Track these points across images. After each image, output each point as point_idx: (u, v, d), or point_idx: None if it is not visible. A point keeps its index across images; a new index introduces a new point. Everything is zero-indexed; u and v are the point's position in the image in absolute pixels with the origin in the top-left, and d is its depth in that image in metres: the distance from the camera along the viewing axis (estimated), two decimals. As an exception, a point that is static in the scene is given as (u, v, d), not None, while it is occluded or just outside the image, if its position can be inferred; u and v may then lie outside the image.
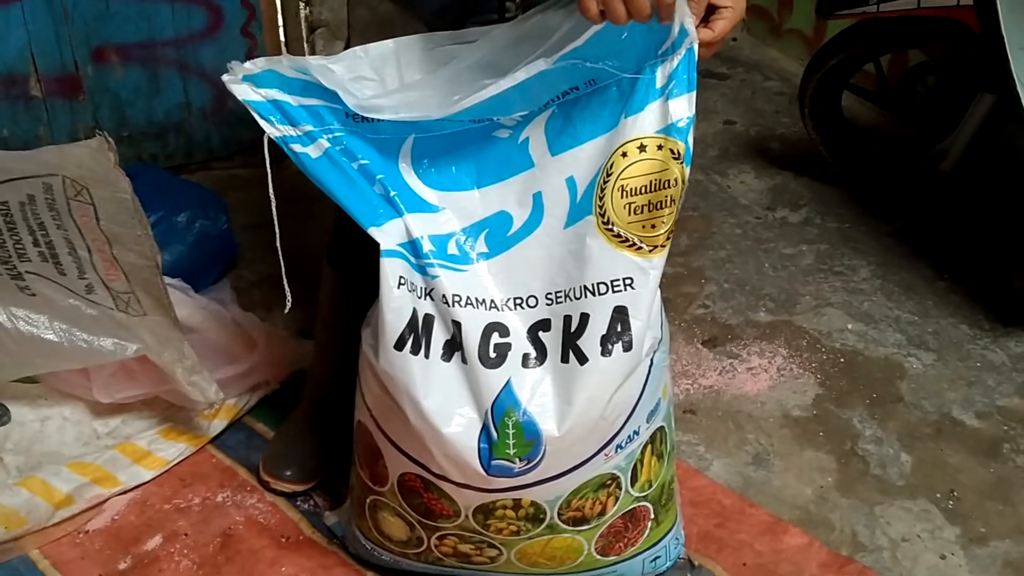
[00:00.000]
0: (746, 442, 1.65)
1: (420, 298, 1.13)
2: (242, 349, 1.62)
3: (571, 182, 1.16)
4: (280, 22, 2.34)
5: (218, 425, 1.59)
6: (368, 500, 1.30)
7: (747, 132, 2.59)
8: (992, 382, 1.76)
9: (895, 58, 2.36)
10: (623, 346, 1.12)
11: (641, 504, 1.28)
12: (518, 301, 1.16)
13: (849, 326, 1.90)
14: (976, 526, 1.50)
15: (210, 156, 2.37)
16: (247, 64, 1.12)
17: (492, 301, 1.15)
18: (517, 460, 1.13)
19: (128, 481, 1.49)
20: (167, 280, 1.53)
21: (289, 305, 1.18)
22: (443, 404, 1.12)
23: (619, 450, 1.19)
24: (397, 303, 1.12)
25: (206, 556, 1.41)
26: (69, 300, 1.46)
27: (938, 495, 1.55)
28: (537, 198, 1.17)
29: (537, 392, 1.13)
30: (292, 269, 1.20)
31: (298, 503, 1.50)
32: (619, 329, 1.12)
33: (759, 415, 1.70)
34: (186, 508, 1.48)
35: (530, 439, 1.13)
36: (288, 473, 1.49)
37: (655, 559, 1.36)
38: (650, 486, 1.28)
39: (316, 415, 1.54)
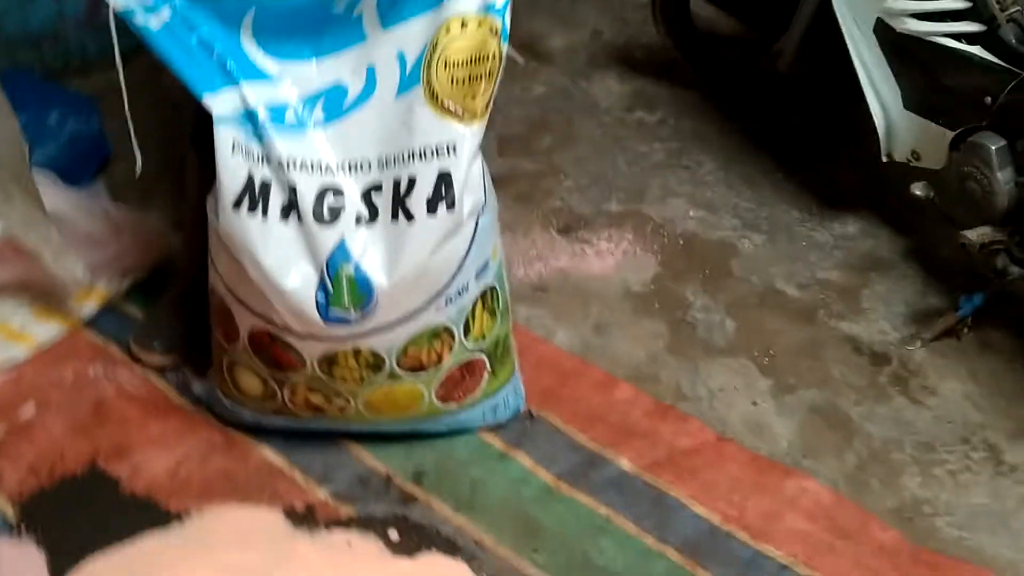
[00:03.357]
0: (589, 314, 1.80)
1: (257, 163, 1.24)
2: (111, 235, 1.71)
3: (401, 56, 1.27)
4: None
5: (91, 308, 1.68)
6: (225, 360, 1.41)
7: (614, 41, 2.71)
8: (815, 258, 1.94)
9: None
10: (446, 206, 1.25)
11: (476, 356, 1.42)
12: (352, 166, 1.27)
13: (691, 213, 2.05)
14: (787, 379, 1.68)
15: (86, 64, 2.40)
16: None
17: (327, 166, 1.26)
18: (352, 310, 1.26)
19: (2, 359, 1.57)
20: (37, 171, 1.60)
21: (139, 169, 1.27)
22: (281, 261, 1.24)
23: (449, 303, 1.32)
24: (232, 167, 1.22)
25: (78, 423, 1.51)
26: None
27: (756, 353, 1.73)
28: (370, 70, 1.28)
29: (368, 248, 1.25)
30: (166, 165, 1.29)
31: (167, 375, 1.60)
32: (443, 191, 1.25)
33: (603, 291, 1.85)
34: (59, 381, 1.58)
35: (362, 291, 1.25)
36: (156, 347, 1.59)
37: (494, 408, 1.51)
38: (484, 339, 1.41)
39: (184, 294, 1.63)
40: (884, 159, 1.86)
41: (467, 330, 1.37)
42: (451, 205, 1.25)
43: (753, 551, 1.40)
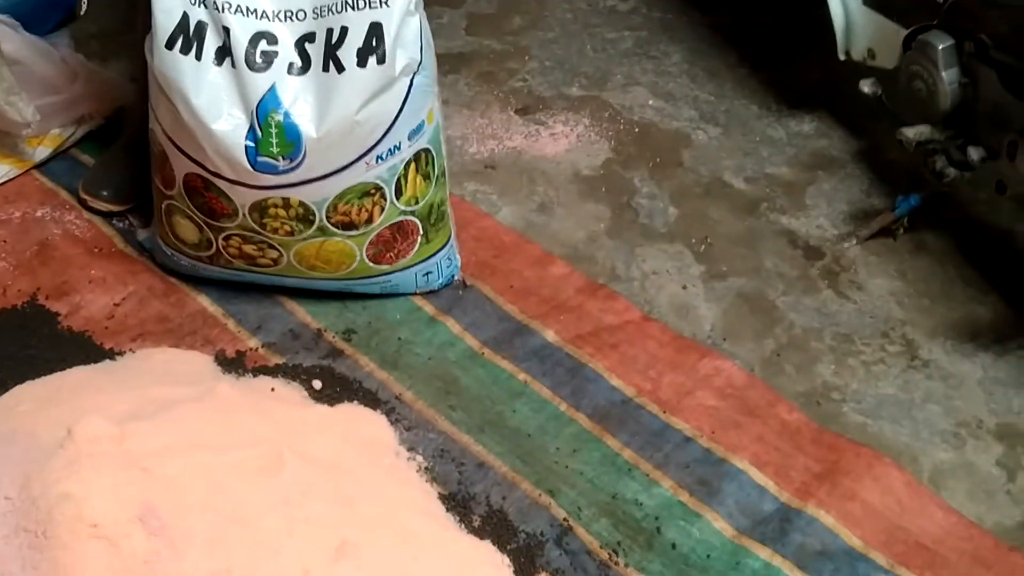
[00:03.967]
0: (535, 193, 1.83)
1: (193, 4, 1.25)
2: (65, 81, 1.73)
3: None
4: None
5: (43, 152, 1.71)
6: (163, 205, 1.45)
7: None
8: (766, 153, 1.96)
9: None
10: (377, 59, 1.27)
11: (408, 219, 1.45)
12: (288, 14, 1.29)
13: (650, 102, 2.07)
14: (719, 266, 1.72)
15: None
16: None
17: (263, 12, 1.28)
18: (280, 159, 1.29)
19: (-47, 197, 1.61)
20: (-4, 15, 1.61)
21: (84, 8, 1.29)
22: (212, 103, 1.27)
23: (380, 161, 1.35)
24: (167, 6, 1.24)
25: (23, 260, 1.56)
26: None
27: (693, 241, 1.76)
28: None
29: (299, 97, 1.28)
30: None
31: (114, 221, 1.64)
32: (374, 43, 1.26)
33: (552, 173, 1.88)
34: (7, 220, 1.62)
35: (291, 139, 1.28)
36: (105, 193, 1.63)
37: (427, 274, 1.55)
38: (416, 203, 1.45)
39: (135, 143, 1.65)
40: (842, 57, 1.87)
41: (399, 191, 1.41)
42: (382, 59, 1.27)
43: (662, 423, 1.46)
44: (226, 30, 1.25)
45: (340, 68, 1.27)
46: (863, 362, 1.59)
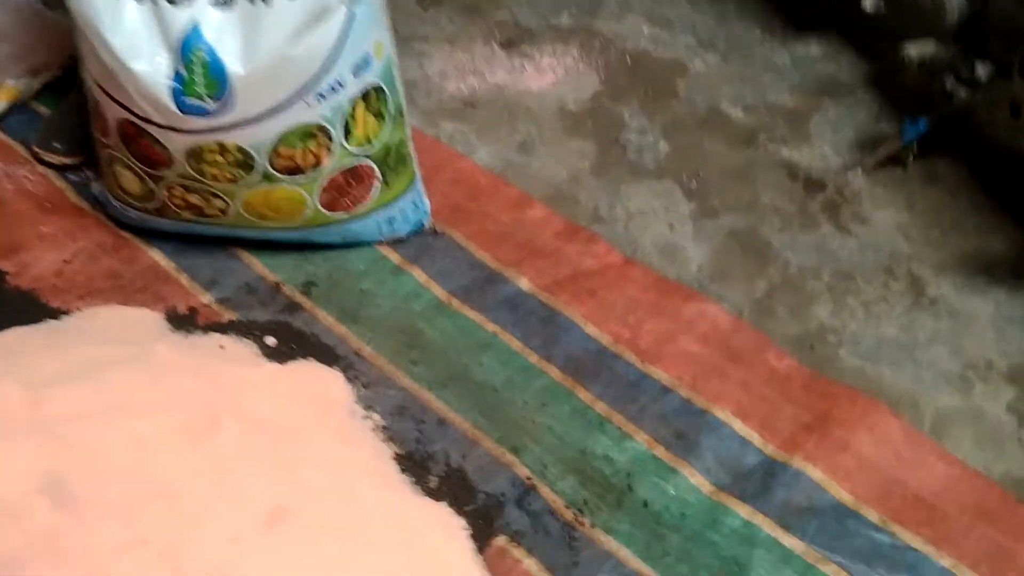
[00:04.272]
0: (516, 131, 1.72)
1: (106, -60, 1.16)
2: (20, 29, 1.65)
3: None
4: None
5: (0, 106, 1.64)
6: (105, 155, 1.37)
7: None
8: (768, 80, 1.83)
9: None
10: (308, -13, 1.17)
11: (362, 162, 1.36)
12: (209, -55, 1.19)
13: (645, 30, 1.93)
14: (710, 202, 1.61)
15: None
16: None
17: (181, -58, 1.18)
18: (208, 100, 1.20)
19: (-96, 154, 1.55)
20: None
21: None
22: (131, 42, 1.18)
23: (321, 100, 1.26)
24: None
25: (-28, 217, 1.50)
26: None
27: (684, 177, 1.65)
28: None
29: (224, 33, 1.18)
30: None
31: (68, 175, 1.57)
32: (304, -31, 1.16)
33: (536, 108, 1.77)
34: (-42, 176, 1.56)
35: (217, 78, 1.19)
36: (57, 146, 1.56)
37: (390, 221, 1.46)
38: (370, 144, 1.35)
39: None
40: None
41: (348, 132, 1.31)
42: (314, -13, 1.17)
43: (639, 373, 1.36)
44: (141, -39, 1.17)
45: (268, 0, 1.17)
46: (863, 302, 1.47)
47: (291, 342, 1.35)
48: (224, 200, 1.34)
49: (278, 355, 1.33)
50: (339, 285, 1.44)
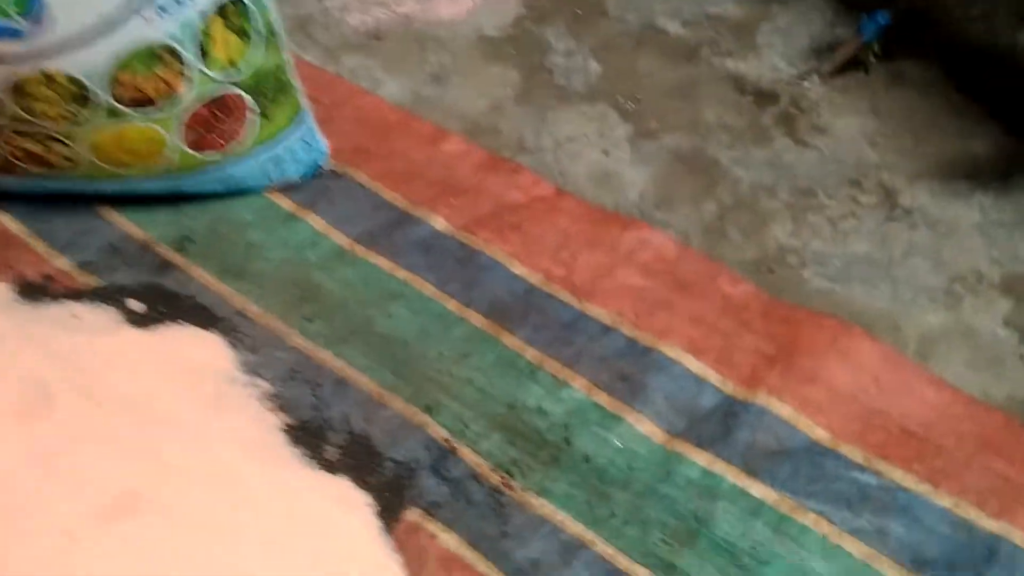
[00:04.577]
0: (427, 63, 1.53)
1: None
2: None
3: None
4: None
5: None
6: (-73, 104, 1.16)
7: None
8: (708, -7, 1.64)
9: None
10: None
11: (229, 91, 1.16)
12: None
13: (569, -50, 1.74)
14: (649, 123, 1.41)
15: None
16: None
17: None
18: (18, 18, 0.99)
19: None
20: None
21: None
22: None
23: (163, 14, 1.05)
24: None
25: None
26: None
27: (619, 99, 1.45)
28: None
29: (30, -70, 0.98)
30: None
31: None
32: None
33: (450, 38, 1.57)
34: None
35: (25, -12, 0.98)
36: None
37: (277, 162, 1.26)
38: (236, 69, 1.15)
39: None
40: None
41: (205, 54, 1.11)
42: None
43: (576, 312, 1.16)
44: None
45: None
46: (828, 218, 1.28)
47: (160, 305, 1.15)
48: (66, 144, 1.13)
49: (143, 321, 1.13)
50: (221, 239, 1.24)
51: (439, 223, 1.27)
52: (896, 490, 1.00)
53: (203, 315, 1.15)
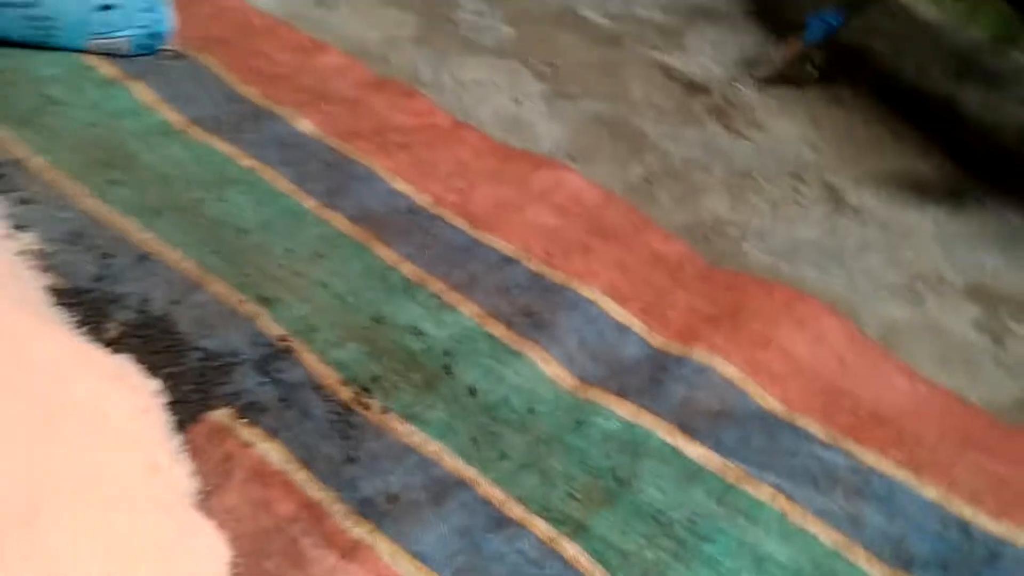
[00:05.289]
0: (313, -9, 1.29)
1: None
2: None
3: None
4: None
5: None
6: None
7: None
8: (632, -3, 1.48)
9: None
10: None
11: None
12: None
13: (485, -63, 1.57)
14: (567, 87, 1.21)
15: None
16: None
17: None
18: None
19: None
20: None
21: None
22: None
23: None
24: None
25: None
26: None
27: (532, 60, 1.25)
28: None
29: None
30: None
31: None
32: None
33: (343, -22, 1.35)
34: None
35: None
36: None
37: (106, 10, 0.98)
38: None
39: None
40: None
41: None
42: None
43: (469, 238, 0.90)
44: None
45: None
46: (768, 200, 1.08)
47: (-96, 133, 0.83)
48: None
49: None
50: (10, 85, 0.93)
51: (304, 125, 1.00)
52: (870, 473, 0.76)
53: (-37, 157, 0.83)
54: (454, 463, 0.69)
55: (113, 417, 0.60)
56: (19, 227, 0.78)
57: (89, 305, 0.73)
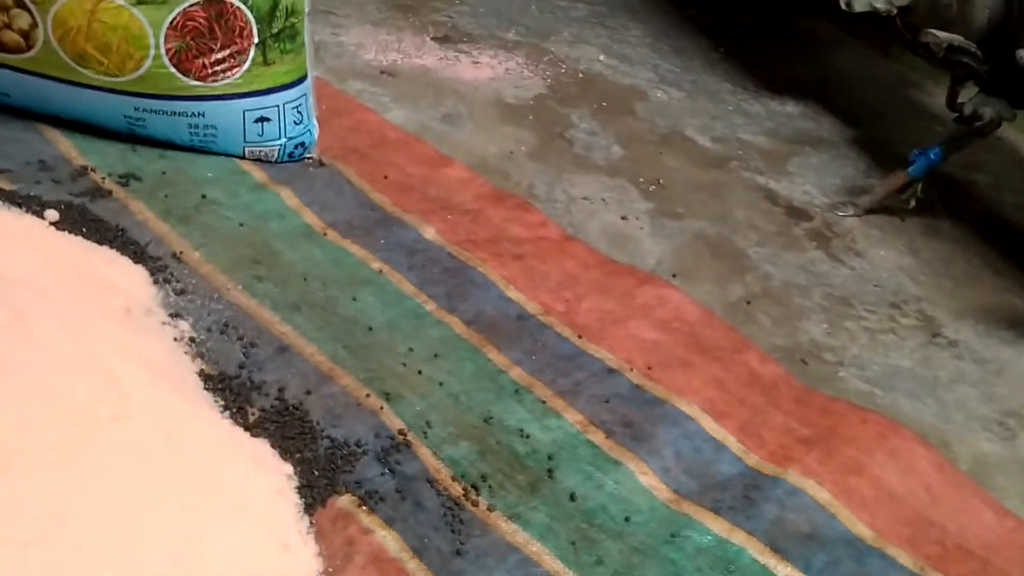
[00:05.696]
0: (441, 105, 1.39)
1: None
2: None
3: None
4: None
5: None
6: None
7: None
8: (740, 121, 1.55)
9: None
10: None
11: (234, 3, 1.00)
12: None
13: (601, 58, 1.66)
14: (673, 206, 1.27)
15: None
16: None
17: None
18: None
19: None
20: None
21: None
22: None
23: None
24: None
25: None
26: None
27: (642, 180, 1.32)
28: None
29: None
30: None
31: None
32: None
33: (467, 93, 1.44)
34: None
35: None
36: None
37: (262, 120, 1.08)
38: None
39: None
40: (844, 7, 1.48)
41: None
42: None
43: (575, 348, 0.97)
44: None
45: None
46: (866, 328, 1.12)
47: (82, 226, 0.93)
48: (32, 17, 0.95)
49: (58, 228, 0.91)
50: (173, 186, 1.04)
51: (429, 232, 1.08)
52: (959, 608, 0.78)
53: (131, 248, 0.93)
54: (553, 564, 0.74)
55: (254, 497, 0.67)
56: (175, 315, 0.87)
57: (234, 391, 0.81)
